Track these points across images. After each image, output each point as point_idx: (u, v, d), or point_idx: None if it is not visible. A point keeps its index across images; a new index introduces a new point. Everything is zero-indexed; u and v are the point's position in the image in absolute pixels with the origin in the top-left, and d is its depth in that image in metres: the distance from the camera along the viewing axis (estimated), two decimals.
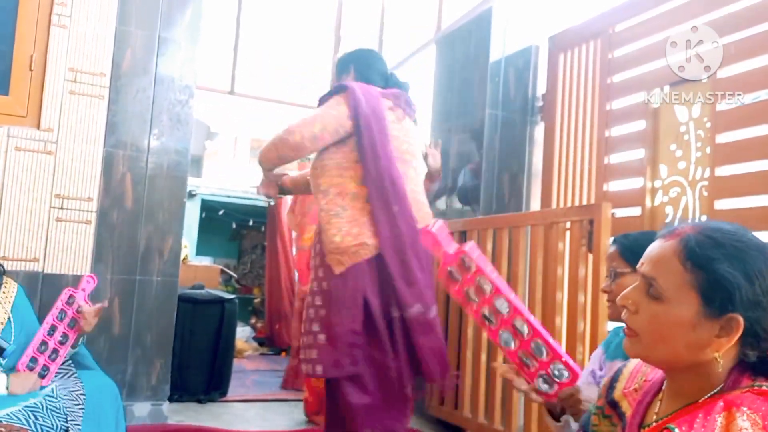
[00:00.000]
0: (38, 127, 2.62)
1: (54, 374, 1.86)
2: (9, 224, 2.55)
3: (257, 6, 5.67)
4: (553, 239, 2.41)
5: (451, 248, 1.30)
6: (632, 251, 1.45)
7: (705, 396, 0.85)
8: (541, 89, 3.09)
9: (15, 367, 1.81)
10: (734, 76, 2.15)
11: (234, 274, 5.75)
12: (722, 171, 2.15)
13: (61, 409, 1.66)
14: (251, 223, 5.65)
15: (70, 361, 1.95)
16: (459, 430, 2.93)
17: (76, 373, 1.91)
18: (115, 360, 2.69)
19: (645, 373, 1.00)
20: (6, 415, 1.55)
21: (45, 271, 2.59)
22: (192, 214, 4.80)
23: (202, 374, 3.31)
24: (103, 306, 1.96)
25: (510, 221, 2.73)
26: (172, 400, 3.03)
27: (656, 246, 0.91)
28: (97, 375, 1.96)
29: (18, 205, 2.56)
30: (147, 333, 2.78)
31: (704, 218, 2.17)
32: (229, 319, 3.48)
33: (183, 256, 3.62)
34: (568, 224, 2.38)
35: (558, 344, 1.24)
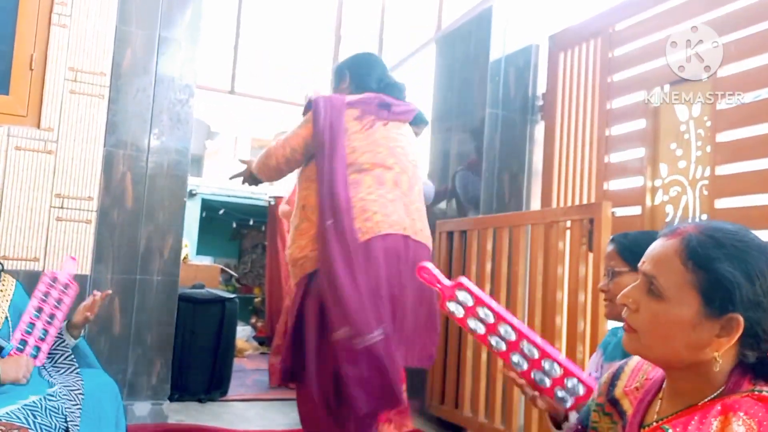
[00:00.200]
0: (38, 127, 2.62)
1: (47, 354, 1.85)
2: (9, 224, 2.55)
3: (257, 6, 5.67)
4: (554, 238, 2.41)
5: (447, 282, 1.32)
6: (630, 250, 1.46)
7: (705, 399, 0.85)
8: (542, 88, 3.09)
9: (7, 355, 1.78)
10: (734, 75, 2.15)
11: (234, 274, 5.74)
12: (722, 170, 2.15)
13: (61, 410, 1.65)
14: (252, 223, 5.64)
15: (73, 356, 1.94)
16: (459, 430, 2.93)
17: (78, 369, 1.90)
18: (116, 359, 2.69)
19: (646, 372, 1.00)
20: (5, 414, 1.55)
21: (45, 271, 2.58)
22: (192, 214, 4.79)
23: (203, 374, 3.31)
24: (107, 294, 2.02)
25: (510, 220, 2.73)
26: (173, 400, 3.03)
27: (658, 245, 0.92)
28: (98, 374, 1.96)
29: (18, 205, 2.57)
30: (147, 332, 2.78)
31: (704, 217, 2.17)
32: (230, 319, 3.48)
33: (183, 256, 3.62)
34: (569, 223, 2.38)
35: (569, 361, 1.25)
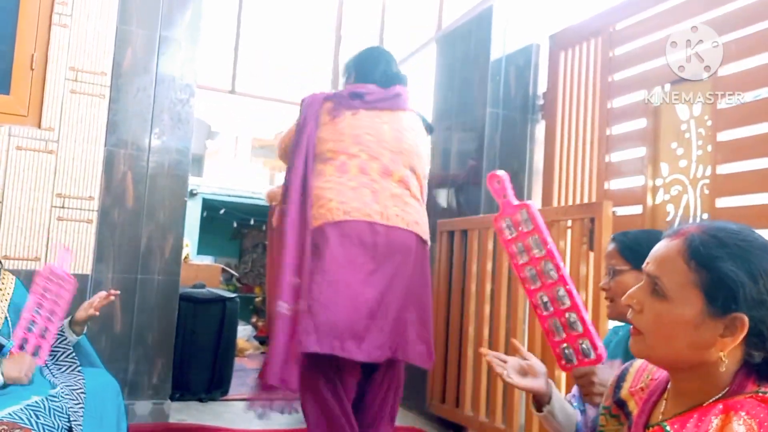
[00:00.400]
0: (39, 127, 2.62)
1: (48, 352, 1.82)
2: (10, 223, 2.55)
3: (258, 5, 5.66)
4: (554, 237, 2.41)
5: (514, 199, 1.28)
6: (631, 249, 1.46)
7: (709, 400, 0.84)
8: (542, 88, 3.09)
9: (9, 354, 1.77)
10: (734, 75, 2.15)
11: (235, 273, 5.74)
12: (723, 169, 2.15)
13: (64, 410, 1.65)
14: (252, 222, 5.63)
15: (74, 354, 1.94)
16: (460, 428, 2.93)
17: (80, 367, 1.90)
18: (117, 359, 2.70)
19: (651, 372, 1.00)
20: (8, 414, 1.55)
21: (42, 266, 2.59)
22: (193, 213, 4.79)
23: (204, 373, 3.31)
24: (117, 293, 2.05)
25: None
26: (174, 399, 3.03)
27: (661, 245, 0.92)
28: (100, 373, 1.96)
29: (19, 205, 2.57)
30: (148, 332, 2.78)
31: (705, 216, 2.17)
32: (231, 318, 3.48)
33: (184, 255, 3.61)
34: (569, 223, 2.38)
35: (593, 325, 1.22)
